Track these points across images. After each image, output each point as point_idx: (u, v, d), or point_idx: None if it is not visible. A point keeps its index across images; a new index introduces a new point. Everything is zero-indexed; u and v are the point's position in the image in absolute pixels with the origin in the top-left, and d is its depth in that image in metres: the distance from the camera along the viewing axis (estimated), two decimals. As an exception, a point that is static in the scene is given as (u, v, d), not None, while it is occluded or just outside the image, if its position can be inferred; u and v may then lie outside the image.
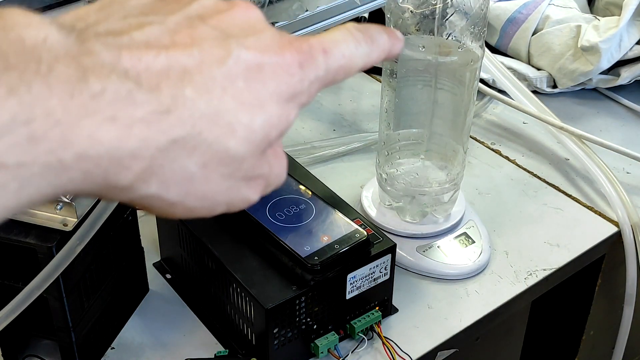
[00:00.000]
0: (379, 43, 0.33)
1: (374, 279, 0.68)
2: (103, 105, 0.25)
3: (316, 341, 0.67)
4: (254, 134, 0.29)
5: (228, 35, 0.29)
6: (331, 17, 0.88)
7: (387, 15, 0.72)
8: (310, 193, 0.71)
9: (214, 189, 0.29)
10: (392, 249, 0.68)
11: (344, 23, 0.91)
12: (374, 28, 0.34)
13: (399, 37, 0.35)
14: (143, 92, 0.26)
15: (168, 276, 0.77)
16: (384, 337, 0.70)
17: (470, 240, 0.80)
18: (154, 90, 0.26)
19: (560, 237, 0.83)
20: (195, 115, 0.27)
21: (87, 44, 0.26)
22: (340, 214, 0.69)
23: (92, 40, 0.26)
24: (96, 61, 0.26)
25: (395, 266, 0.70)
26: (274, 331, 0.64)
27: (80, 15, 0.28)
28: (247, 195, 0.31)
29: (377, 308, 0.70)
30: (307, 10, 0.78)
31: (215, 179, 0.29)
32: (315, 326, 0.67)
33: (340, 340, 0.69)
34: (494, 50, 1.09)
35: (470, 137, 0.93)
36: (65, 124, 0.25)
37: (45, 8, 0.76)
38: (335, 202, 0.72)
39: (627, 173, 0.93)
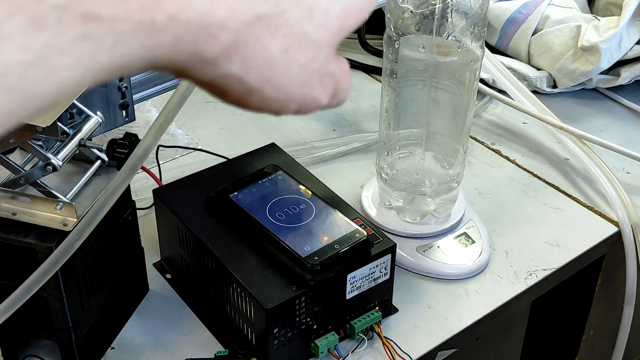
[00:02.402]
0: None
1: (374, 279, 0.68)
2: None
3: (316, 341, 0.67)
4: (331, 21, 0.29)
5: None
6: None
7: (387, 15, 0.72)
8: (310, 193, 0.71)
9: (292, 79, 0.29)
10: (392, 249, 0.68)
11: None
12: None
13: None
14: None
15: (168, 276, 0.77)
16: (384, 337, 0.70)
17: (470, 240, 0.80)
18: None
19: (560, 237, 0.83)
20: None
21: None
22: (340, 214, 0.69)
23: None
24: None
25: (395, 266, 0.70)
26: (274, 331, 0.64)
27: None
28: (319, 96, 0.31)
29: (377, 308, 0.70)
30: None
31: (294, 68, 0.29)
32: (315, 326, 0.67)
33: (340, 340, 0.69)
34: (494, 50, 1.09)
35: (470, 137, 0.93)
36: None
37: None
38: (335, 202, 0.72)
39: (627, 173, 0.93)
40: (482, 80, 1.02)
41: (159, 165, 0.86)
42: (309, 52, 0.29)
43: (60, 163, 0.63)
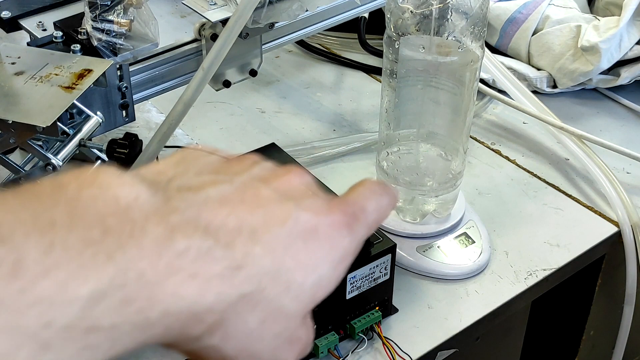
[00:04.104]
0: (390, 193, 0.36)
1: (374, 279, 0.68)
2: (187, 262, 0.27)
3: (316, 341, 0.67)
4: (304, 294, 0.31)
5: (287, 197, 0.32)
6: (331, 17, 0.88)
7: (387, 15, 0.72)
8: (310, 193, 0.71)
9: (264, 347, 0.31)
10: (392, 249, 0.68)
11: (344, 23, 0.91)
12: (380, 181, 0.37)
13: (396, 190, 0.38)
14: (220, 248, 0.28)
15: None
16: (384, 337, 0.70)
17: (470, 240, 0.80)
18: (229, 247, 0.28)
19: (560, 237, 0.83)
20: (261, 272, 0.29)
21: (172, 202, 0.29)
22: (340, 214, 0.69)
23: (175, 197, 0.29)
24: (181, 219, 0.28)
25: (395, 266, 0.70)
26: (274, 331, 0.64)
27: (160, 170, 0.32)
28: (286, 358, 0.33)
29: (377, 308, 0.70)
30: (307, 10, 0.78)
31: (267, 337, 0.31)
32: (315, 326, 0.67)
33: (340, 340, 0.69)
34: (494, 50, 1.09)
35: (470, 137, 0.93)
36: (154, 284, 0.26)
37: (45, 8, 0.76)
38: (335, 202, 0.71)
39: (627, 173, 0.93)
40: (482, 80, 1.02)
41: (159, 165, 0.86)
42: (282, 323, 0.31)
43: (60, 163, 0.63)
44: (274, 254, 0.30)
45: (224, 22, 0.74)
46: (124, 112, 0.74)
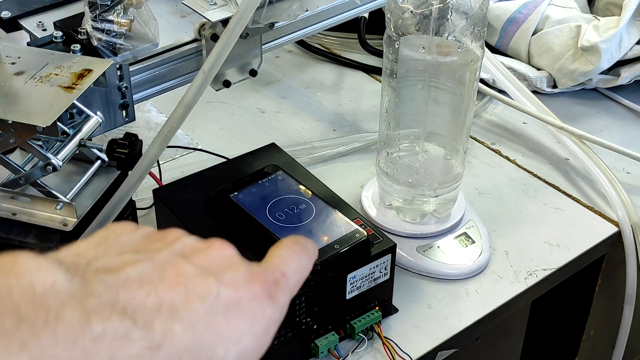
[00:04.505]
0: (309, 250, 0.37)
1: (374, 279, 0.68)
2: (103, 346, 0.27)
3: (316, 341, 0.67)
4: None
5: (208, 272, 0.32)
6: (331, 17, 0.88)
7: (387, 15, 0.72)
8: (310, 193, 0.71)
9: None
10: (392, 249, 0.68)
11: (344, 23, 0.91)
12: (300, 238, 0.38)
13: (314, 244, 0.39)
14: (138, 329, 0.28)
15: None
16: (384, 337, 0.70)
17: (470, 240, 0.80)
18: (147, 327, 0.28)
19: (560, 237, 0.83)
20: (181, 350, 0.29)
21: (90, 285, 0.28)
22: (340, 214, 0.69)
23: (93, 281, 0.29)
24: (99, 302, 0.28)
25: (395, 266, 0.70)
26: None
27: (81, 252, 0.31)
28: None
29: (377, 308, 0.70)
30: (307, 10, 0.78)
31: None
32: (315, 326, 0.67)
33: (340, 340, 0.69)
34: (494, 50, 1.09)
35: (470, 137, 0.93)
36: None
37: (45, 8, 0.76)
38: (335, 202, 0.72)
39: (627, 173, 0.93)
40: (482, 80, 1.02)
41: (159, 165, 0.86)
42: None
43: (60, 163, 0.63)
44: (194, 330, 0.30)
45: (224, 22, 0.74)
46: (124, 112, 0.74)
